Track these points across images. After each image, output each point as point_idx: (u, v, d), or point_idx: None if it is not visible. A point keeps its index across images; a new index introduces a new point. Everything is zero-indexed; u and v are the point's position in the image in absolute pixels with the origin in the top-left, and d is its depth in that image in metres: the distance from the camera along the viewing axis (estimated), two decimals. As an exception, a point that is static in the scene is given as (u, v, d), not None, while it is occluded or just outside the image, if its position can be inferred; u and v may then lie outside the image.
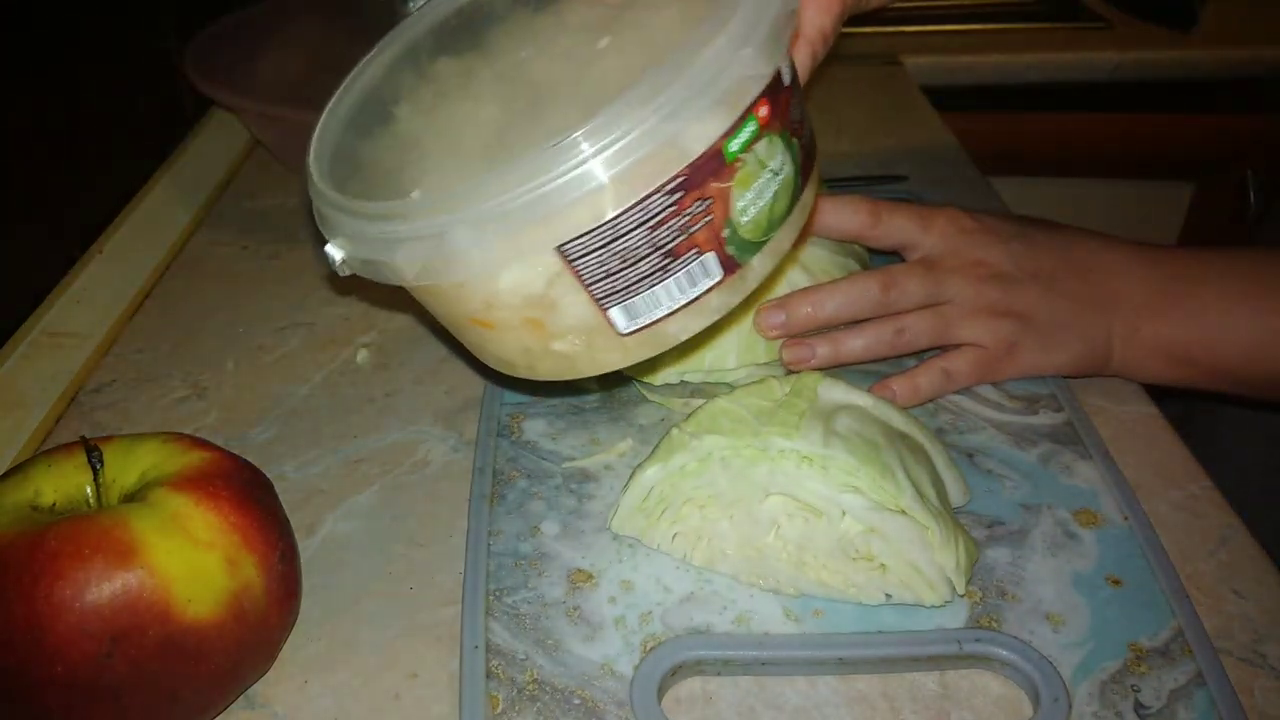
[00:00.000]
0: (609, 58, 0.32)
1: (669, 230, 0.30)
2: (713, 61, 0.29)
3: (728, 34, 0.29)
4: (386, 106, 0.36)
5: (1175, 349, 0.48)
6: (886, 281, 0.48)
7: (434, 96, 0.35)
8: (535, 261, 0.30)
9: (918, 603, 0.38)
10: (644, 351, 0.34)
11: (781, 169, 0.32)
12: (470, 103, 0.34)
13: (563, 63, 0.33)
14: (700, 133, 0.29)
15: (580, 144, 0.28)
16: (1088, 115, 1.04)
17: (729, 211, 0.31)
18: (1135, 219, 1.11)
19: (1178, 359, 0.49)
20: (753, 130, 0.30)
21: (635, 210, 0.29)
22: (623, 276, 0.30)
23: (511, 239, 0.29)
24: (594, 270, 0.30)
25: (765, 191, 0.32)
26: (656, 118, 0.28)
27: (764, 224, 0.32)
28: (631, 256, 0.30)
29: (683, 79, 0.28)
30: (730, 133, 0.30)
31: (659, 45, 0.32)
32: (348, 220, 0.31)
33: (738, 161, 0.30)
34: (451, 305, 0.32)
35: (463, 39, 0.38)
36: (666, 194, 0.29)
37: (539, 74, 0.34)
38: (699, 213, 0.30)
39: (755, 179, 0.31)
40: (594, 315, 0.32)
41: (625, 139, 0.28)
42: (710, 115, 0.29)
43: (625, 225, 0.29)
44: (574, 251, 0.29)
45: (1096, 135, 1.06)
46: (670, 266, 0.31)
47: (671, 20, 0.32)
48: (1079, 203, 1.08)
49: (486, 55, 0.36)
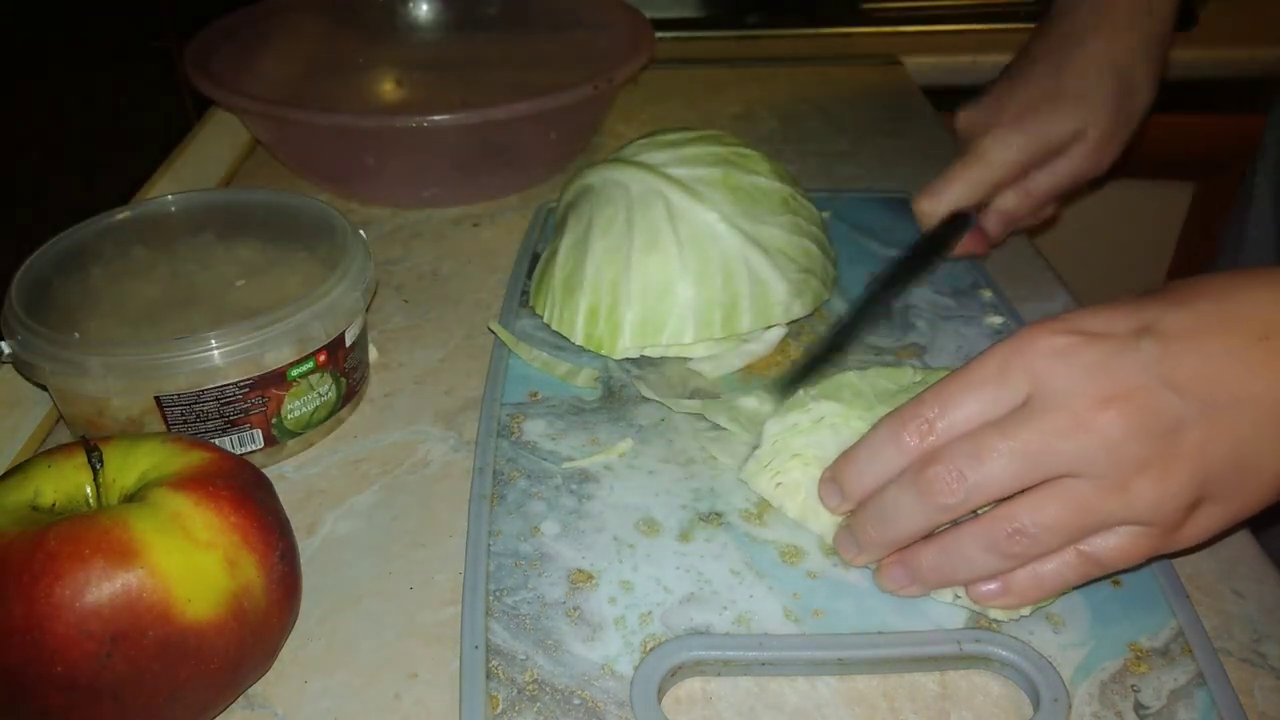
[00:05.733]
0: (245, 290, 0.49)
1: (234, 408, 0.45)
2: (297, 321, 0.45)
3: (312, 310, 0.45)
4: (86, 262, 0.50)
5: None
6: (955, 469, 0.34)
7: (121, 268, 0.50)
8: (141, 400, 0.44)
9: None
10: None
11: (326, 394, 0.48)
12: (143, 283, 0.49)
13: (216, 281, 0.50)
14: (276, 357, 0.45)
15: (205, 340, 0.43)
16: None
17: (280, 409, 0.46)
18: (1135, 219, 1.11)
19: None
20: (310, 366, 0.46)
21: (215, 390, 0.44)
22: (194, 426, 0.45)
23: (129, 381, 0.43)
24: (176, 415, 0.44)
25: (309, 404, 0.47)
26: (252, 341, 0.43)
27: (304, 422, 0.48)
28: (204, 415, 0.45)
29: (279, 324, 0.44)
30: (295, 363, 0.45)
31: (277, 294, 0.48)
32: (26, 334, 0.43)
33: (295, 381, 0.46)
34: (75, 404, 0.45)
35: (161, 235, 0.52)
36: (239, 387, 0.44)
37: (199, 282, 0.50)
38: (258, 403, 0.45)
39: (304, 395, 0.47)
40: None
41: (230, 346, 0.43)
42: (286, 349, 0.45)
43: (206, 398, 0.44)
44: (167, 402, 0.44)
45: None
46: (229, 429, 0.45)
47: (294, 283, 0.49)
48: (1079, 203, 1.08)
49: (169, 256, 0.51)
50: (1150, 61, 0.57)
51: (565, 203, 0.57)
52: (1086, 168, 0.57)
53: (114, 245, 0.51)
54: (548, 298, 0.54)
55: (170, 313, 0.47)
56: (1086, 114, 0.56)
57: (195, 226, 0.53)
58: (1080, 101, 0.56)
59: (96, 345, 0.43)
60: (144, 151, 0.75)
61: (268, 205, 0.54)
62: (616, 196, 0.52)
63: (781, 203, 0.53)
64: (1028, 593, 0.36)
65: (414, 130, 0.63)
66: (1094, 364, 0.33)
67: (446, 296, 0.61)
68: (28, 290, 0.46)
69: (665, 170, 0.52)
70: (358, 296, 0.48)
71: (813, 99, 0.88)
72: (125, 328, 0.46)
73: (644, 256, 0.50)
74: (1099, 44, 0.56)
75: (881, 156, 0.77)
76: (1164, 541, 0.34)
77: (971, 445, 0.34)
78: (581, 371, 0.51)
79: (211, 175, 0.75)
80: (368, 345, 0.53)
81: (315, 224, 0.52)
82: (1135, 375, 0.33)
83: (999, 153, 0.56)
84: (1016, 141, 0.56)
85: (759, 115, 0.84)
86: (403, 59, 0.84)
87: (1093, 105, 0.56)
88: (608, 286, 0.51)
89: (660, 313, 0.50)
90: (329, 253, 0.49)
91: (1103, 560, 0.35)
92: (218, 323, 0.44)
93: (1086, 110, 0.56)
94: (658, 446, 0.47)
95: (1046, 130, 0.56)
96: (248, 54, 0.75)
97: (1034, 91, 0.56)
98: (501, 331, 0.53)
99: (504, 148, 0.68)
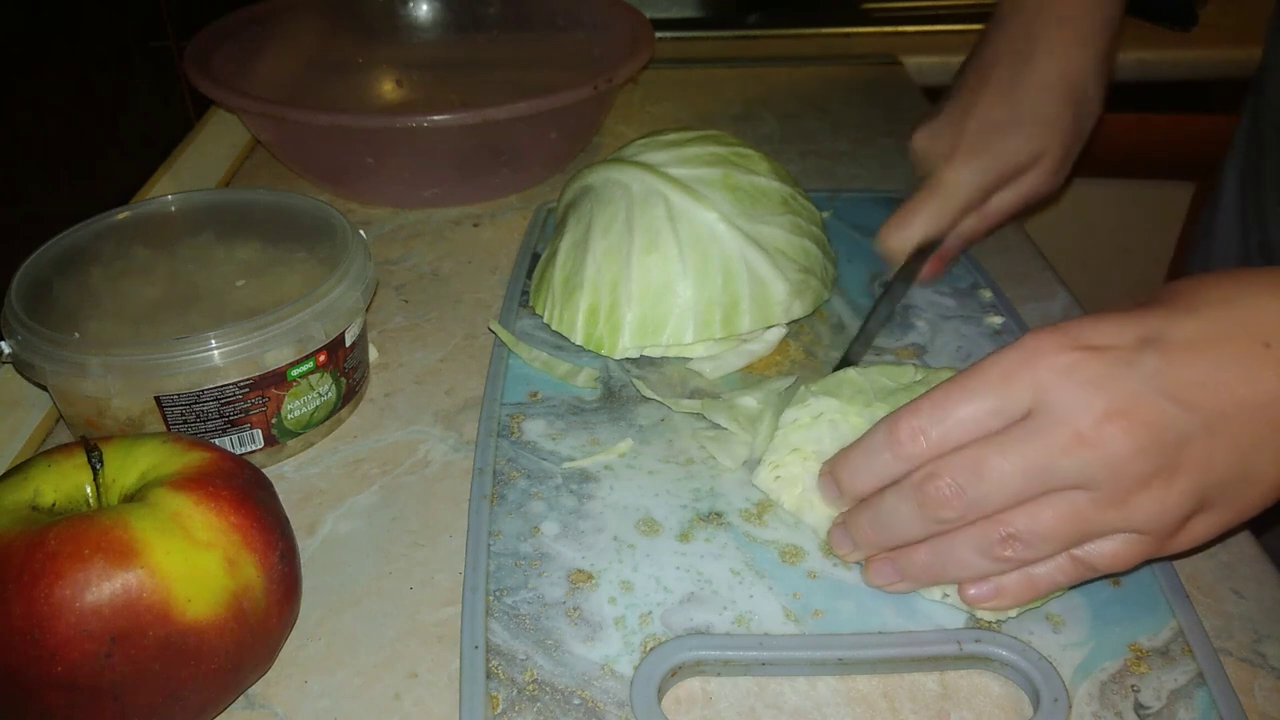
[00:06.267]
0: (245, 290, 0.49)
1: (234, 408, 0.45)
2: (297, 321, 0.45)
3: (312, 309, 0.45)
4: (86, 263, 0.50)
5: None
6: (955, 484, 0.34)
7: (121, 268, 0.50)
8: (141, 400, 0.44)
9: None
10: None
11: (326, 394, 0.48)
12: (143, 283, 0.49)
13: (216, 281, 0.49)
14: (276, 357, 0.45)
15: (205, 340, 0.43)
16: (1087, 115, 1.04)
17: (280, 409, 0.46)
18: (1135, 219, 1.11)
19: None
20: (310, 366, 0.46)
21: (215, 390, 0.44)
22: (194, 426, 0.45)
23: (129, 382, 0.43)
24: (175, 415, 0.44)
25: (309, 404, 0.47)
26: (252, 341, 0.43)
27: (304, 422, 0.48)
28: (204, 415, 0.45)
29: (279, 324, 0.44)
30: (295, 363, 0.45)
31: (277, 294, 0.48)
32: (26, 334, 0.43)
33: (295, 381, 0.46)
34: (75, 404, 0.45)
35: (161, 235, 0.52)
36: (239, 387, 0.44)
37: (199, 282, 0.49)
38: (258, 403, 0.45)
39: (304, 395, 0.47)
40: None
41: (230, 346, 0.43)
42: (286, 349, 0.45)
43: (206, 398, 0.44)
44: (167, 402, 0.44)
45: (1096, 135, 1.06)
46: (229, 429, 0.45)
47: (293, 283, 0.49)
48: (1079, 203, 1.08)
49: (169, 256, 0.51)
50: (1101, 77, 0.57)
51: (565, 203, 0.57)
52: (1044, 188, 0.57)
53: (114, 245, 0.51)
54: (548, 298, 0.54)
55: (170, 313, 0.47)
56: (1045, 137, 0.55)
57: (195, 226, 0.53)
58: (1038, 125, 0.55)
59: (96, 345, 0.43)
60: (144, 151, 0.75)
61: (268, 205, 0.54)
62: (617, 196, 0.52)
63: (781, 203, 0.53)
64: (1019, 594, 0.36)
65: (414, 130, 0.63)
66: (1098, 378, 0.33)
67: (446, 296, 0.61)
68: (28, 290, 0.46)
69: (665, 170, 0.52)
70: (358, 296, 0.48)
71: (813, 99, 0.88)
72: (125, 328, 0.46)
73: (644, 256, 0.50)
74: (1053, 64, 0.55)
75: (881, 156, 0.77)
76: (1158, 548, 0.35)
77: (972, 461, 0.34)
78: (581, 371, 0.51)
79: (211, 175, 0.75)
80: (368, 345, 0.53)
81: (315, 224, 0.52)
82: (1138, 389, 0.32)
83: (962, 183, 0.55)
84: (978, 169, 0.55)
85: (759, 115, 0.84)
86: (403, 59, 0.84)
87: (1051, 128, 0.55)
88: (608, 286, 0.51)
89: (660, 313, 0.50)
90: (329, 253, 0.49)
91: (1096, 565, 0.35)
92: (218, 323, 0.44)
93: (1045, 133, 0.55)
94: (658, 446, 0.47)
95: (1006, 155, 0.55)
96: (247, 54, 0.75)
97: (992, 114, 0.56)
98: (501, 331, 0.53)
99: (504, 148, 0.68)
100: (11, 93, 0.58)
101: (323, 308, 0.46)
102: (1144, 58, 1.00)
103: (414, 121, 0.62)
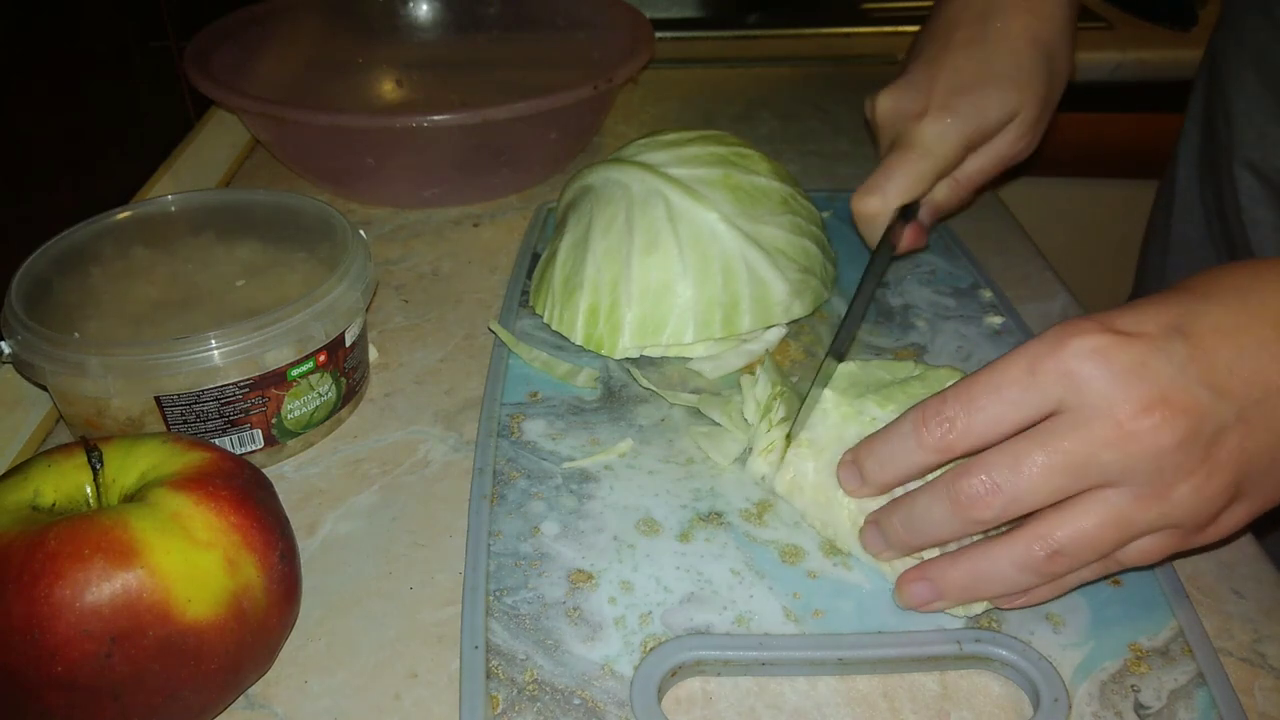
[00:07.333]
0: (245, 290, 0.49)
1: (234, 408, 0.45)
2: (297, 321, 0.45)
3: (312, 310, 0.45)
4: (86, 263, 0.50)
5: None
6: (991, 481, 0.33)
7: (121, 268, 0.50)
8: (141, 400, 0.44)
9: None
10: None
11: (326, 394, 0.48)
12: (143, 283, 0.49)
13: (216, 281, 0.50)
14: (276, 357, 0.45)
15: (205, 340, 0.43)
16: (1088, 115, 1.04)
17: (280, 409, 0.46)
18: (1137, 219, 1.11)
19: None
20: (310, 366, 0.46)
21: (215, 390, 0.44)
22: (194, 426, 0.45)
23: (129, 382, 0.43)
24: (176, 415, 0.44)
25: (309, 404, 0.47)
26: (252, 341, 0.43)
27: (304, 422, 0.48)
28: (204, 415, 0.44)
29: (279, 324, 0.44)
30: (295, 363, 0.45)
31: (277, 294, 0.48)
32: (26, 334, 0.43)
33: (295, 381, 0.46)
34: (75, 404, 0.45)
35: (161, 235, 0.52)
36: (239, 387, 0.44)
37: (199, 282, 0.50)
38: (258, 403, 0.45)
39: (304, 395, 0.47)
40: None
41: (230, 346, 0.43)
42: (286, 349, 0.45)
43: (206, 398, 0.44)
44: (167, 402, 0.44)
45: (1097, 135, 1.06)
46: (229, 429, 0.45)
47: (293, 283, 0.49)
48: (1080, 203, 1.08)
49: (169, 256, 0.51)
50: (1069, 39, 0.55)
51: (565, 203, 0.57)
52: (1017, 150, 0.55)
53: (114, 245, 0.51)
54: (548, 298, 0.54)
55: (170, 313, 0.47)
56: (1019, 95, 0.52)
57: (195, 226, 0.53)
58: (1012, 82, 0.52)
59: (96, 345, 0.43)
60: (144, 151, 0.75)
61: (268, 205, 0.54)
62: (617, 196, 0.52)
63: (781, 203, 0.53)
64: (1046, 596, 0.36)
65: (414, 130, 0.63)
66: (1131, 366, 0.32)
67: (446, 296, 0.61)
68: (28, 290, 0.46)
69: (665, 170, 0.52)
70: (358, 296, 0.48)
71: (813, 99, 0.88)
72: (125, 328, 0.46)
73: (644, 256, 0.50)
74: (1022, 19, 0.53)
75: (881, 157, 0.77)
76: (1189, 540, 0.34)
77: (1009, 457, 0.33)
78: (581, 371, 0.51)
79: (211, 175, 0.75)
80: (368, 345, 0.53)
81: (315, 224, 0.52)
82: (1175, 376, 0.31)
83: (938, 141, 0.52)
84: (953, 125, 0.52)
85: (759, 115, 0.84)
86: (402, 59, 0.84)
87: (1023, 85, 0.53)
88: (608, 286, 0.51)
89: (660, 313, 0.50)
90: (329, 253, 0.50)
91: (1126, 562, 0.35)
92: (218, 323, 0.44)
93: (1018, 91, 0.52)
94: (658, 446, 0.47)
95: (981, 113, 0.52)
96: (247, 54, 0.75)
97: (962, 73, 0.53)
98: (501, 331, 0.53)
99: (504, 148, 0.68)
100: (11, 93, 0.58)
101: (323, 308, 0.46)
102: (1144, 58, 1.00)
103: (414, 121, 0.62)
